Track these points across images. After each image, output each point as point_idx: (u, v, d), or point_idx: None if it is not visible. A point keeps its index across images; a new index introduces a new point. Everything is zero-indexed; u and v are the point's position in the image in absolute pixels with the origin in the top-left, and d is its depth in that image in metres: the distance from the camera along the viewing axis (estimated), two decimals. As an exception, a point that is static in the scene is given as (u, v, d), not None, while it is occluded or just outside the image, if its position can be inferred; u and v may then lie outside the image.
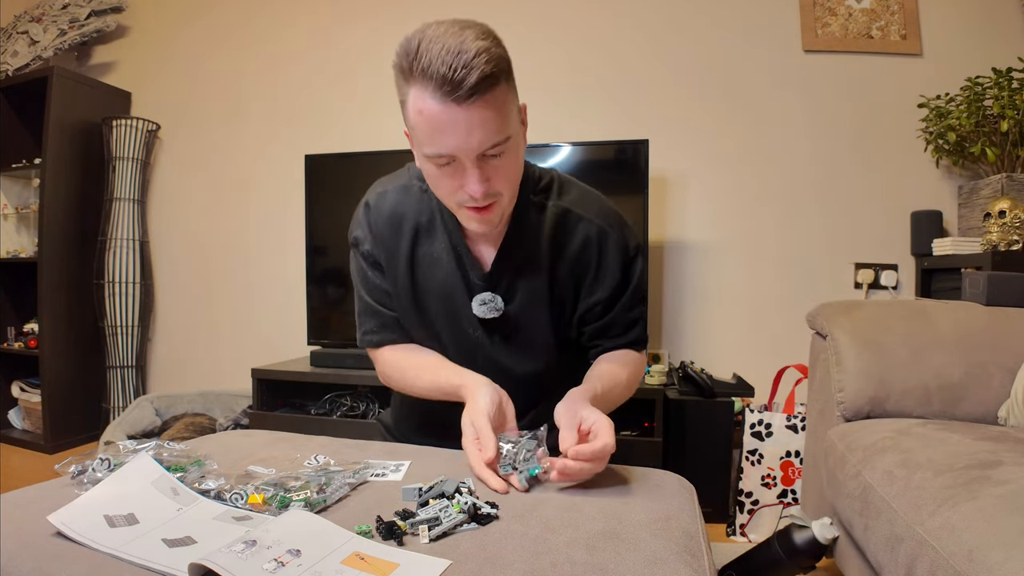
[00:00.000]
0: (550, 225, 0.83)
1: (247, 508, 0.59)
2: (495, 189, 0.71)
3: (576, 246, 0.83)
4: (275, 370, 2.01)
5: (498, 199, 0.73)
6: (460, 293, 0.84)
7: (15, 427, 2.63)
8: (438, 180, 0.72)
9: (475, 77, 0.62)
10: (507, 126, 0.68)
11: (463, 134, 0.65)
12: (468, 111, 0.63)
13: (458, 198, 0.72)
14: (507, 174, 0.72)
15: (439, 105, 0.64)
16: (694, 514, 0.65)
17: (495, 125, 0.66)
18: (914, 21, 1.99)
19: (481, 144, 0.66)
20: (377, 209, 0.86)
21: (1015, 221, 1.57)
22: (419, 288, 0.85)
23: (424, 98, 0.64)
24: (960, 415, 1.14)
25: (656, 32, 2.17)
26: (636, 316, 0.89)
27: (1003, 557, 0.61)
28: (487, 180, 0.70)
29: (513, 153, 0.71)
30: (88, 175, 2.55)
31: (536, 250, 0.83)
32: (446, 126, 0.65)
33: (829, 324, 1.27)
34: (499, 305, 0.83)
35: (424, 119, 0.66)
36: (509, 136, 0.68)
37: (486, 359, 0.86)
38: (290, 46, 2.51)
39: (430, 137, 0.67)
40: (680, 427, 1.74)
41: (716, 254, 2.12)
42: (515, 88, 0.72)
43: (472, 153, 0.67)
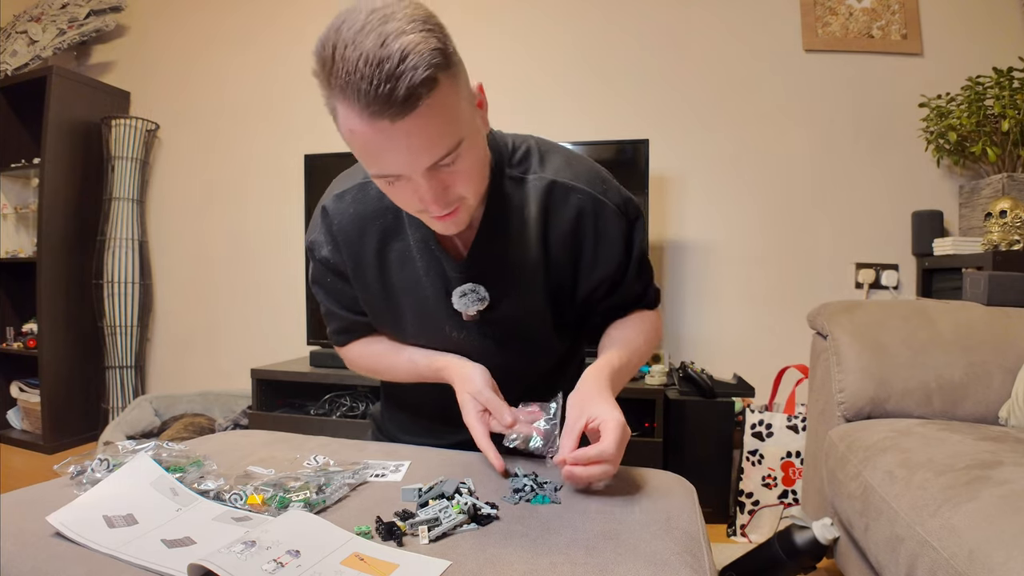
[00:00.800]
0: (536, 200, 0.73)
1: (246, 508, 0.59)
2: (455, 195, 0.62)
3: (569, 220, 0.73)
4: (274, 370, 2.01)
5: (462, 202, 0.64)
6: (436, 291, 0.74)
7: (14, 427, 2.62)
8: (392, 194, 0.64)
9: (404, 89, 0.51)
10: (456, 129, 0.57)
11: (404, 153, 0.55)
12: (404, 127, 0.53)
13: (416, 208, 0.64)
14: (468, 177, 0.62)
15: (369, 126, 0.53)
16: (694, 514, 0.65)
17: (439, 135, 0.56)
18: (915, 21, 1.98)
19: (428, 159, 0.57)
20: (337, 213, 0.77)
21: (1016, 221, 1.57)
22: (393, 293, 0.77)
23: (351, 117, 0.54)
24: (961, 415, 1.14)
25: (656, 32, 2.16)
26: (646, 283, 0.83)
27: (1004, 557, 0.61)
28: (444, 189, 0.60)
29: (470, 153, 0.61)
30: (87, 175, 2.54)
31: (522, 229, 0.73)
32: (383, 147, 0.55)
33: (830, 324, 1.27)
34: (482, 294, 0.73)
35: (357, 140, 0.56)
36: (461, 139, 0.58)
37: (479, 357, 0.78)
38: (290, 45, 2.51)
39: (368, 159, 0.58)
40: (680, 427, 1.74)
41: (716, 254, 2.12)
42: (461, 75, 0.58)
43: (419, 170, 0.57)
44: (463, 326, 0.76)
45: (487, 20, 2.29)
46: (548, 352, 0.83)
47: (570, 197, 0.73)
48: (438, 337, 0.78)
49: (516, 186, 0.73)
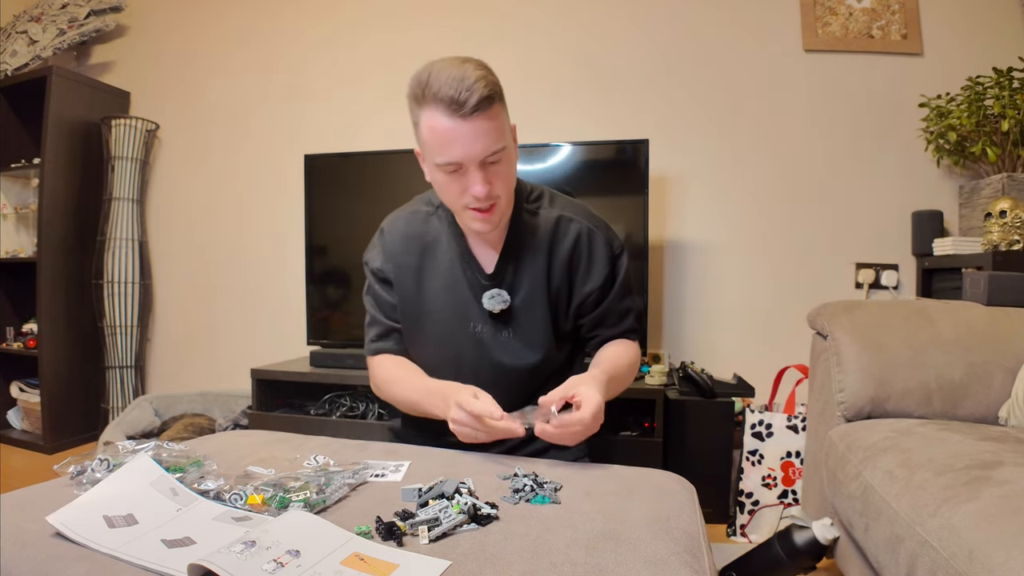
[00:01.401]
0: (546, 229, 0.96)
1: (246, 508, 0.59)
2: (495, 192, 0.84)
3: (569, 244, 0.96)
4: (274, 370, 2.01)
5: (498, 201, 0.85)
6: (466, 294, 0.95)
7: (14, 427, 2.62)
8: (447, 186, 0.85)
9: (476, 97, 0.76)
10: (503, 137, 0.82)
11: (468, 143, 0.79)
12: (472, 124, 0.78)
13: (464, 201, 0.84)
14: (504, 179, 0.85)
15: (448, 121, 0.78)
16: (694, 514, 0.65)
17: (494, 136, 0.80)
18: (915, 21, 1.98)
19: (484, 151, 0.80)
20: (390, 232, 1.00)
21: (1016, 221, 1.57)
22: (425, 294, 0.97)
23: (435, 117, 0.79)
24: (961, 415, 1.14)
25: (656, 32, 2.16)
26: (627, 306, 1.01)
27: (1004, 557, 0.61)
28: (489, 183, 0.82)
29: (508, 162, 0.85)
30: (87, 175, 2.54)
31: (534, 251, 0.95)
32: (454, 138, 0.79)
33: (830, 324, 1.27)
34: (505, 297, 0.93)
35: (436, 134, 0.80)
36: (505, 146, 0.82)
37: (487, 356, 0.95)
38: (290, 45, 2.51)
39: (441, 148, 0.80)
40: (680, 427, 1.74)
41: (716, 254, 2.12)
42: (506, 110, 0.85)
43: (476, 159, 0.80)
44: (483, 322, 0.95)
45: (487, 20, 2.29)
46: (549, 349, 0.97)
47: (571, 227, 0.96)
48: (458, 332, 0.96)
49: (531, 218, 0.97)
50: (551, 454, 0.94)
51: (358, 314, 1.06)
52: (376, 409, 1.95)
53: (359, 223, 2.09)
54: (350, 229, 2.11)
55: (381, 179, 2.07)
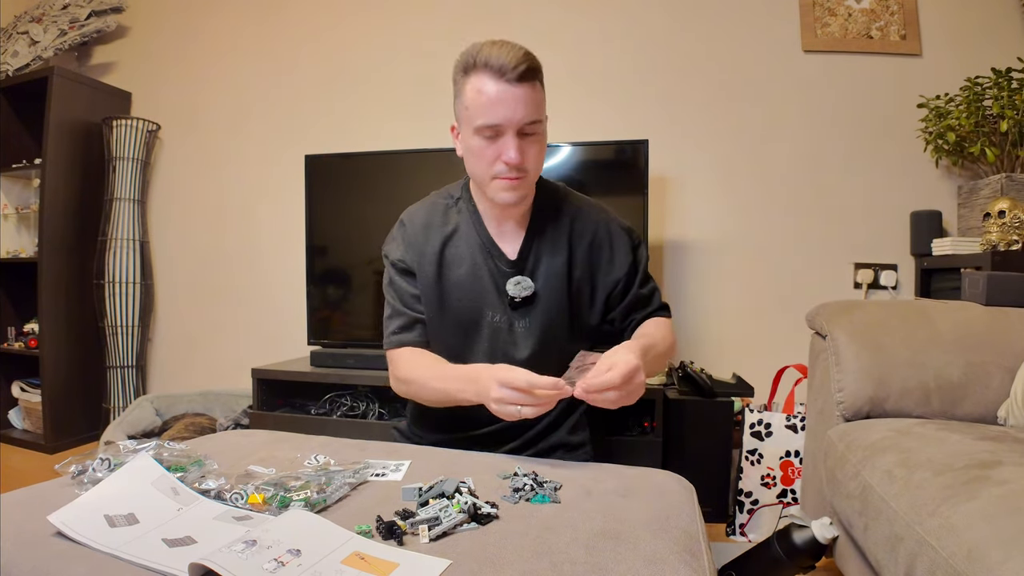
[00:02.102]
0: (566, 221, 0.99)
1: (247, 508, 0.59)
2: (526, 165, 0.87)
3: (590, 235, 0.99)
4: (275, 370, 2.01)
5: (525, 176, 0.89)
6: (487, 281, 0.97)
7: (15, 427, 2.63)
8: (481, 152, 0.88)
9: (524, 66, 0.82)
10: (542, 112, 0.88)
11: (511, 107, 0.83)
12: (517, 89, 0.83)
13: (495, 169, 0.87)
14: (536, 156, 0.89)
15: (496, 84, 0.83)
16: (694, 514, 0.65)
17: (535, 107, 0.86)
18: (914, 21, 1.99)
19: (524, 118, 0.84)
20: (410, 223, 1.02)
21: (1015, 221, 1.58)
22: (446, 284, 0.98)
23: (483, 80, 0.84)
24: (960, 415, 1.14)
25: (656, 32, 2.17)
26: (652, 288, 1.05)
27: (1003, 557, 0.62)
28: (522, 152, 0.86)
29: (541, 141, 0.89)
30: (88, 175, 2.54)
31: (555, 241, 0.98)
32: (499, 100, 0.83)
33: (829, 324, 1.27)
34: (528, 284, 0.96)
35: (483, 97, 0.84)
36: (542, 120, 0.88)
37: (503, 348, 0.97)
38: (290, 45, 2.51)
39: (485, 111, 0.84)
40: (680, 427, 1.74)
41: (716, 254, 2.12)
42: (545, 94, 0.90)
43: (516, 124, 0.84)
44: (502, 311, 0.97)
45: (487, 21, 2.29)
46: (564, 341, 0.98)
47: (591, 219, 1.00)
48: (476, 321, 0.97)
49: (552, 211, 1.00)
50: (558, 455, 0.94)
51: (358, 314, 1.07)
52: (376, 409, 1.95)
53: (360, 223, 2.09)
54: (350, 229, 2.11)
55: (381, 179, 2.08)
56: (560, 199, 1.02)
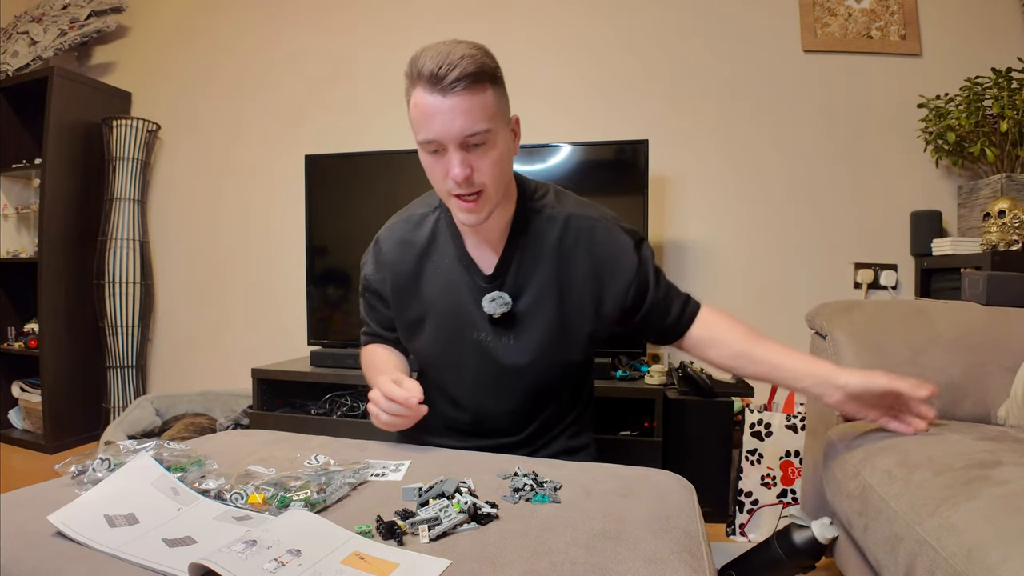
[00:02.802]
0: (555, 229, 0.89)
1: (247, 508, 0.59)
2: (478, 180, 0.78)
3: (585, 241, 0.89)
4: (275, 370, 2.01)
5: (484, 190, 0.79)
6: (466, 298, 0.90)
7: (15, 427, 2.63)
8: (432, 169, 0.81)
9: (456, 73, 0.73)
10: (488, 121, 0.76)
11: (446, 120, 0.74)
12: (450, 100, 0.74)
13: (447, 186, 0.79)
14: (491, 167, 0.78)
15: (428, 96, 0.75)
16: (694, 514, 0.65)
17: (476, 115, 0.75)
18: (914, 21, 1.99)
19: (462, 130, 0.75)
20: (385, 239, 0.97)
21: (1014, 221, 1.58)
22: (425, 299, 0.93)
23: (419, 93, 0.76)
24: (959, 415, 1.14)
25: (656, 32, 2.17)
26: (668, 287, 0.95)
27: (1003, 557, 0.61)
28: (469, 167, 0.77)
29: (496, 149, 0.79)
30: (88, 175, 2.55)
31: (541, 251, 0.89)
32: (433, 113, 0.75)
33: (829, 324, 1.27)
34: (506, 300, 0.88)
35: (418, 110, 0.77)
36: (490, 129, 0.76)
37: (492, 364, 0.91)
38: (291, 46, 2.51)
39: (421, 125, 0.77)
40: (680, 427, 1.74)
41: (716, 254, 2.12)
42: (504, 97, 0.82)
43: (454, 137, 0.75)
44: (486, 328, 0.90)
45: (487, 21, 2.29)
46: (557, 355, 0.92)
47: (585, 224, 0.90)
48: (459, 338, 0.91)
49: (537, 216, 0.90)
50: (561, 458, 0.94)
51: (358, 314, 1.07)
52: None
53: (359, 223, 2.09)
54: (350, 229, 2.11)
55: (381, 179, 2.08)
56: (545, 204, 0.92)
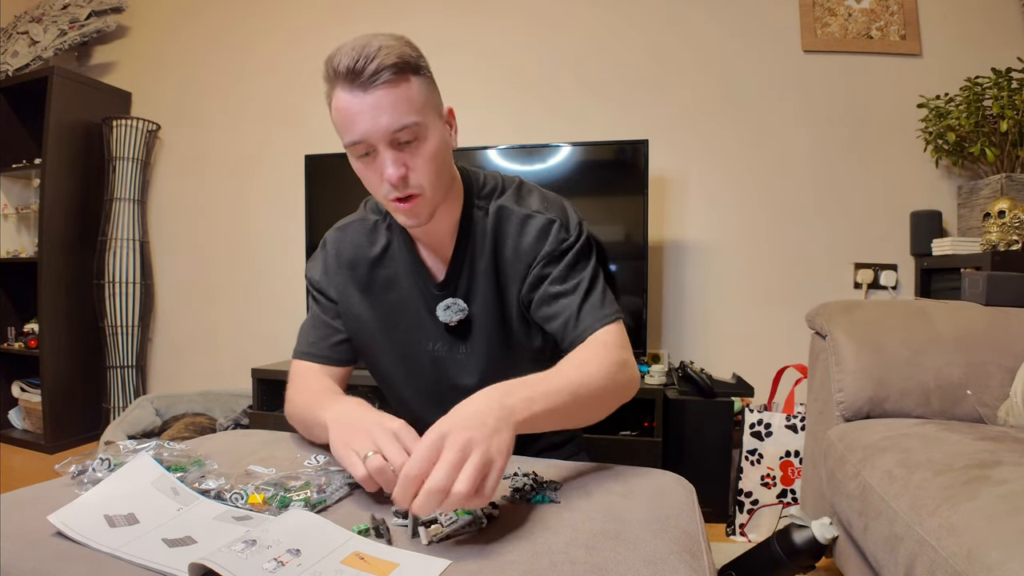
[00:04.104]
0: (490, 225, 0.83)
1: (247, 508, 0.59)
2: (414, 181, 0.72)
3: (513, 237, 0.82)
4: (275, 370, 2.02)
5: (420, 192, 0.73)
6: (418, 307, 0.85)
7: (15, 427, 2.63)
8: (366, 176, 0.75)
9: (375, 65, 0.66)
10: (416, 115, 0.70)
11: (370, 117, 0.68)
12: (373, 95, 0.68)
13: (384, 191, 0.73)
14: (426, 163, 0.72)
15: (348, 94, 0.69)
16: (694, 514, 0.65)
17: (403, 109, 0.69)
18: (914, 21, 1.99)
19: (388, 126, 0.68)
20: (334, 243, 0.90)
21: (1014, 221, 1.58)
22: (378, 309, 0.87)
23: (338, 94, 0.70)
24: (959, 415, 1.14)
25: (656, 32, 2.17)
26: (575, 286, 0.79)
27: (1003, 557, 0.62)
28: (403, 166, 0.71)
29: (429, 143, 0.72)
30: (88, 175, 2.55)
31: (481, 252, 0.83)
32: (355, 112, 0.69)
33: (829, 324, 1.28)
34: (461, 306, 0.82)
35: (339, 112, 0.70)
36: (419, 122, 0.70)
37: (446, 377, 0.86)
38: (291, 46, 2.51)
39: (345, 126, 0.71)
40: (680, 427, 1.74)
41: (716, 254, 2.12)
42: (432, 88, 0.74)
43: (381, 135, 0.69)
44: (443, 337, 0.85)
45: (487, 21, 2.29)
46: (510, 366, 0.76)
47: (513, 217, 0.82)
48: (419, 350, 0.86)
49: (481, 214, 0.83)
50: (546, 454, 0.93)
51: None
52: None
53: (359, 223, 2.09)
54: (350, 229, 2.11)
55: (381, 179, 2.07)
56: (488, 195, 0.84)
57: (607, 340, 0.76)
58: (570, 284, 0.79)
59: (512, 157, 2.00)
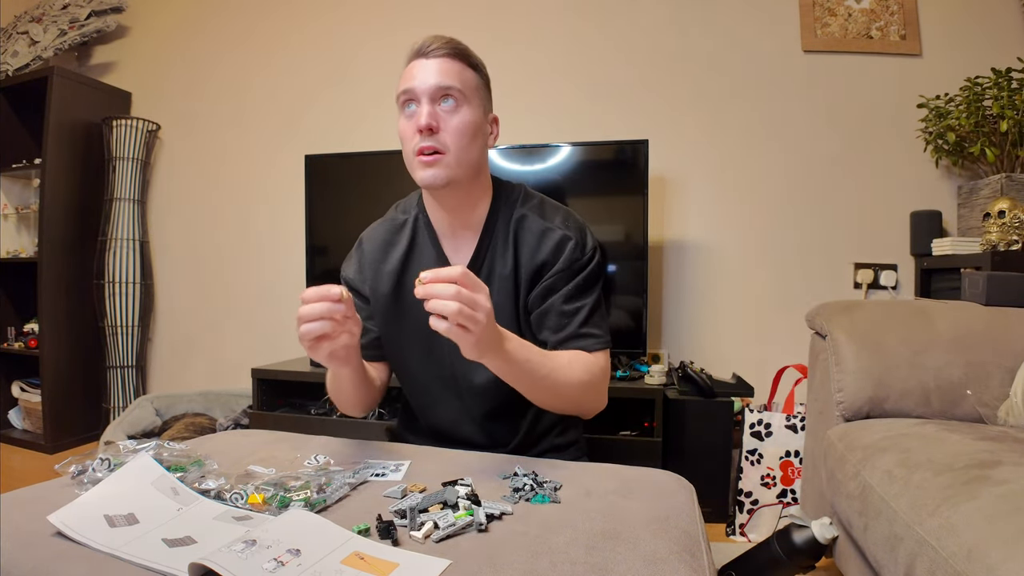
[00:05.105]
0: (512, 230, 0.90)
1: (247, 508, 0.59)
2: (442, 139, 0.82)
3: (530, 246, 0.89)
4: (275, 370, 2.02)
5: (444, 152, 0.82)
6: None
7: (15, 427, 2.63)
8: (403, 129, 0.84)
9: (438, 44, 0.83)
10: (462, 88, 0.83)
11: (423, 75, 0.82)
12: (431, 61, 0.83)
13: (413, 143, 0.82)
14: (455, 130, 0.82)
15: (416, 59, 0.84)
16: (694, 514, 0.65)
17: (449, 76, 0.82)
18: (914, 21, 1.99)
19: (436, 82, 0.81)
20: (369, 241, 0.99)
21: (1014, 221, 1.58)
22: (403, 301, 0.93)
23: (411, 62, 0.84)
24: (959, 415, 1.14)
25: (656, 32, 2.17)
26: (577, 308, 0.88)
27: (1003, 557, 0.62)
28: (435, 119, 0.81)
29: (465, 115, 0.83)
30: (88, 175, 2.55)
31: (503, 251, 0.90)
32: (413, 72, 0.83)
33: (828, 324, 1.28)
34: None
35: (407, 71, 0.84)
36: (461, 91, 0.83)
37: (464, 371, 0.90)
38: (290, 46, 2.51)
39: (402, 82, 0.84)
40: (680, 427, 1.74)
41: (716, 254, 2.12)
42: (484, 86, 0.88)
43: (425, 89, 0.81)
44: None
45: (487, 22, 2.29)
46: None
47: (535, 227, 0.90)
48: (437, 342, 0.89)
49: (505, 218, 0.91)
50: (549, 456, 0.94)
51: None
52: (376, 409, 1.95)
53: (359, 223, 2.08)
54: (350, 229, 2.10)
55: (381, 179, 2.07)
56: (514, 203, 0.92)
57: (595, 362, 0.86)
58: (574, 306, 0.88)
59: (512, 157, 2.00)
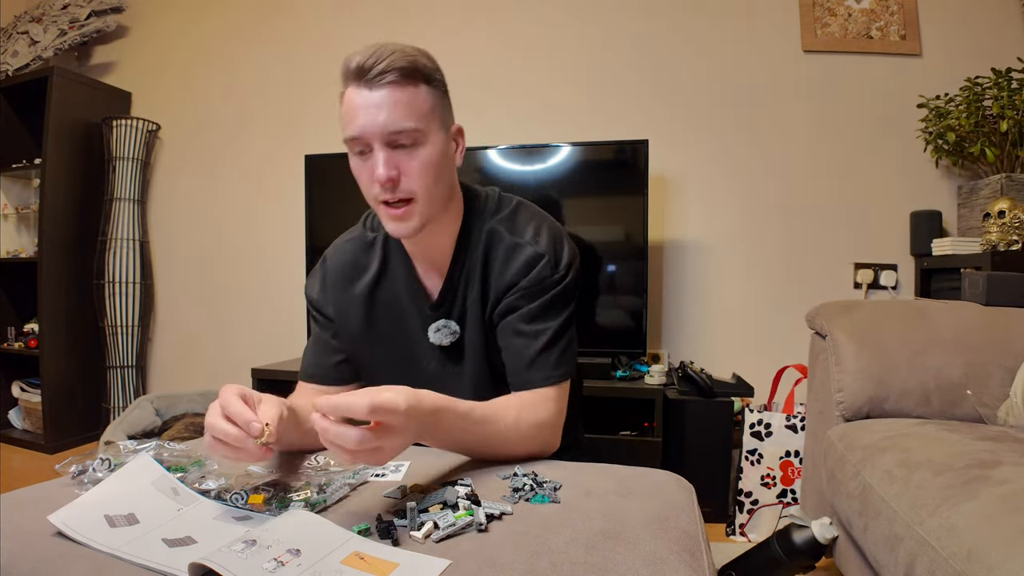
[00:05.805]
0: (481, 246, 0.81)
1: (247, 508, 0.59)
2: (405, 186, 0.72)
3: (499, 263, 0.81)
4: (275, 370, 2.02)
5: (414, 198, 0.73)
6: (415, 325, 0.85)
7: (15, 427, 2.63)
8: (359, 174, 0.75)
9: (384, 65, 0.68)
10: (418, 120, 0.70)
11: (370, 114, 0.69)
12: (377, 93, 0.69)
13: (374, 192, 0.73)
14: (421, 171, 0.72)
15: (355, 90, 0.70)
16: (693, 514, 0.65)
17: (404, 112, 0.69)
18: (914, 21, 1.99)
19: (385, 125, 0.69)
20: (333, 260, 0.89)
21: (1014, 221, 1.58)
22: (375, 326, 0.86)
23: (348, 91, 0.71)
24: (959, 415, 1.14)
25: (656, 32, 2.17)
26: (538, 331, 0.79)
27: (1003, 557, 0.62)
28: (395, 168, 0.71)
29: (426, 151, 0.72)
30: (88, 175, 2.55)
31: (472, 273, 0.82)
32: (357, 107, 0.69)
33: (828, 324, 1.28)
34: (454, 329, 0.83)
35: (345, 107, 0.71)
36: (419, 129, 0.70)
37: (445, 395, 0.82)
38: (290, 45, 2.51)
39: (346, 121, 0.71)
40: (680, 427, 1.74)
41: (716, 254, 2.12)
42: (443, 101, 0.76)
43: (377, 133, 0.69)
44: (436, 357, 0.85)
45: (487, 22, 2.29)
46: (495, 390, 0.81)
47: (501, 244, 0.81)
48: (413, 368, 0.86)
49: (477, 236, 0.82)
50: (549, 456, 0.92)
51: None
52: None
53: (359, 223, 2.10)
54: (350, 229, 2.11)
55: (381, 179, 2.07)
56: (485, 214, 0.83)
57: (547, 397, 0.78)
58: (536, 327, 0.79)
59: (512, 157, 2.00)
